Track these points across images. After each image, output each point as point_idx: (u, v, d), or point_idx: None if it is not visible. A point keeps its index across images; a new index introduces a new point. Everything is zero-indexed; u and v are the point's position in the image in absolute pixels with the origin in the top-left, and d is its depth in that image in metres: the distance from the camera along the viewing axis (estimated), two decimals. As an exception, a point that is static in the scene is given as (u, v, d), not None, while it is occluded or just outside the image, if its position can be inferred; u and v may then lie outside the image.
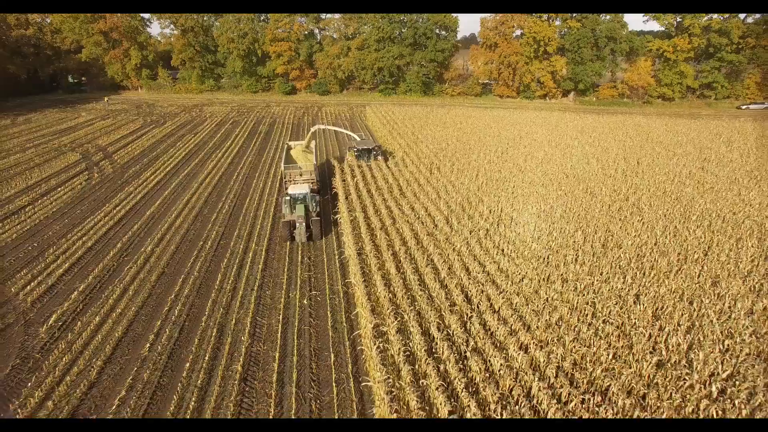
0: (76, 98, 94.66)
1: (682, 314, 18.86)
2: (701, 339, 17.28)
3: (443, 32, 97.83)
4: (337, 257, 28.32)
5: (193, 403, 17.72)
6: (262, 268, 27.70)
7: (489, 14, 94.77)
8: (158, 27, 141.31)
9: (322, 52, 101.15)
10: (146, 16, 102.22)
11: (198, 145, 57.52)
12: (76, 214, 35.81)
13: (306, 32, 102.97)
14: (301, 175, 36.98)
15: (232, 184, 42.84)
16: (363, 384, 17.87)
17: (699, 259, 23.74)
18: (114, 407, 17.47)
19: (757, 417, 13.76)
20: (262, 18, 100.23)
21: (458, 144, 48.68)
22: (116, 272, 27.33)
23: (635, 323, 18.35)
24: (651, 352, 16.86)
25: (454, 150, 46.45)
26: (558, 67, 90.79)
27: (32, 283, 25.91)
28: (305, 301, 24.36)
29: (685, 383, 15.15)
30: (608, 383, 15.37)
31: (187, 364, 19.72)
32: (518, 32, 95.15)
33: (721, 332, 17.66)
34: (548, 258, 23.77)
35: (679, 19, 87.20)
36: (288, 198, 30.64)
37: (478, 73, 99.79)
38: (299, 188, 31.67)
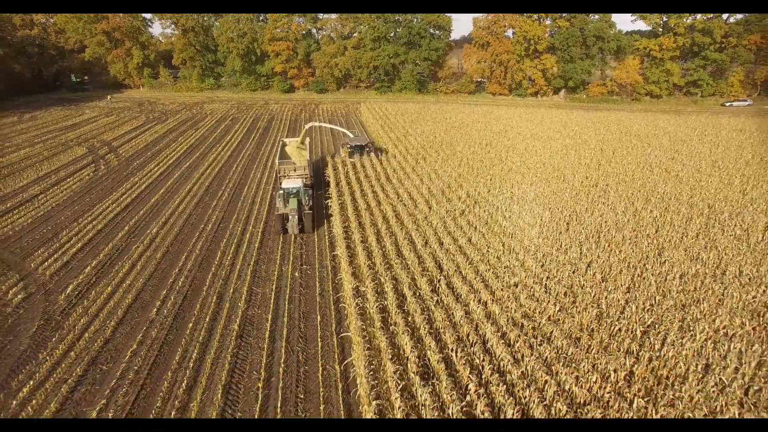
0: (80, 97, 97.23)
1: (626, 277, 21.47)
2: (637, 296, 19.90)
3: (437, 32, 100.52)
4: (327, 237, 30.95)
5: (195, 354, 20.29)
6: (258, 247, 30.31)
7: (481, 14, 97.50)
8: (159, 27, 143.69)
9: (319, 52, 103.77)
10: (148, 16, 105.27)
11: (199, 140, 60.12)
12: (85, 202, 38.37)
13: (304, 32, 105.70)
14: (295, 170, 37.78)
15: (231, 175, 45.44)
16: (343, 336, 20.50)
17: (650, 234, 26.37)
18: (126, 358, 20.04)
19: (669, 353, 16.36)
20: (261, 18, 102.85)
21: (445, 137, 51.35)
22: (125, 251, 29.90)
23: (583, 284, 20.97)
24: (593, 307, 19.48)
25: (441, 142, 49.10)
26: (548, 65, 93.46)
27: (49, 260, 28.46)
28: (296, 274, 26.97)
29: (615, 328, 17.77)
30: (551, 329, 17.99)
31: (190, 325, 22.30)
32: (510, 32, 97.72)
33: (656, 290, 20.27)
34: (515, 233, 26.40)
35: (665, 19, 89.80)
36: (282, 192, 31.71)
37: (471, 72, 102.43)
38: (293, 182, 32.69)
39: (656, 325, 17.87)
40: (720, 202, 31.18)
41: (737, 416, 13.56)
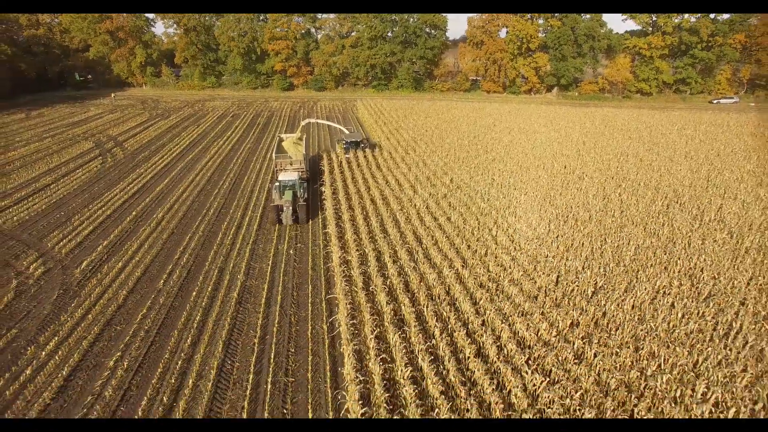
0: (84, 95, 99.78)
1: (587, 249, 23.93)
2: (593, 264, 22.36)
3: (433, 31, 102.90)
4: (320, 221, 33.42)
5: (198, 317, 22.74)
6: (256, 229, 32.79)
7: (476, 14, 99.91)
8: (162, 27, 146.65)
9: (318, 50, 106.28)
10: (150, 16, 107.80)
11: (201, 135, 62.62)
12: (94, 191, 40.84)
13: (303, 31, 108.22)
14: (291, 164, 38.56)
15: (232, 166, 47.93)
16: (331, 300, 22.99)
17: (615, 214, 28.82)
18: (138, 320, 22.50)
19: (612, 307, 18.83)
20: (261, 18, 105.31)
21: (436, 131, 53.85)
22: (133, 232, 32.37)
23: (547, 255, 23.43)
24: (552, 273, 21.95)
25: (431, 135, 51.59)
26: (541, 63, 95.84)
27: (63, 241, 30.92)
28: (291, 252, 29.43)
29: (569, 289, 20.23)
30: (513, 290, 20.46)
31: (194, 293, 24.76)
32: (503, 31, 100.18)
33: (611, 259, 22.73)
34: (490, 212, 28.87)
35: (654, 18, 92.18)
36: (278, 184, 32.73)
37: (466, 70, 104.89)
38: (288, 175, 33.83)
39: (605, 287, 20.31)
40: (684, 188, 33.62)
41: (656, 353, 16.02)
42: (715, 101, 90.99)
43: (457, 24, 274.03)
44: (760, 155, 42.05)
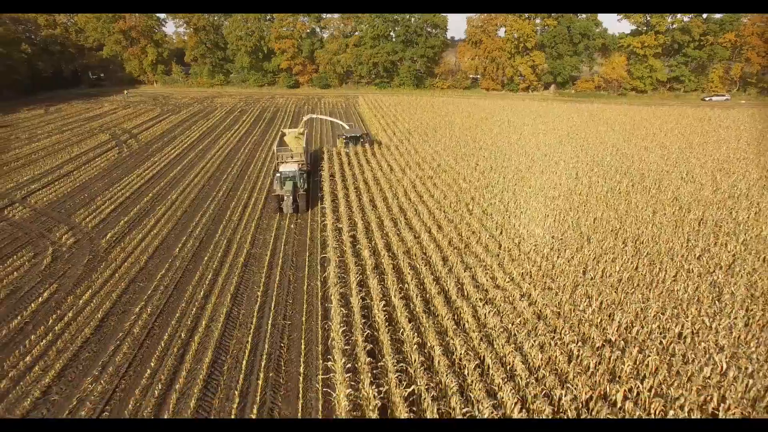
0: (97, 92, 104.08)
1: (549, 218, 27.32)
2: (553, 230, 25.74)
3: (433, 30, 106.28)
4: (319, 202, 36.96)
5: (210, 276, 26.28)
6: (261, 207, 36.37)
7: (475, 14, 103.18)
8: (173, 26, 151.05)
9: (322, 49, 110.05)
10: (162, 16, 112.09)
11: (210, 128, 66.41)
12: (113, 176, 44.60)
13: (308, 30, 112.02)
14: (292, 156, 39.05)
15: (239, 156, 51.60)
16: (323, 257, 26.54)
17: (582, 192, 32.14)
18: (158, 278, 26.05)
19: (558, 261, 22.19)
20: (267, 17, 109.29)
21: (430, 123, 57.34)
22: (150, 210, 36.03)
23: (513, 223, 26.84)
24: (515, 237, 25.32)
25: (425, 127, 55.06)
26: (538, 62, 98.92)
27: (89, 217, 34.61)
28: (292, 226, 32.97)
29: (527, 248, 23.64)
30: (478, 248, 23.88)
31: (206, 258, 28.34)
32: (502, 30, 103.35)
33: (570, 226, 26.11)
34: (469, 190, 32.32)
35: (647, 18, 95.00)
36: (279, 175, 34.01)
37: (465, 68, 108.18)
38: (289, 166, 34.84)
39: (560, 248, 23.69)
40: (651, 172, 36.86)
41: (589, 293, 19.39)
42: (707, 98, 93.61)
43: (461, 23, 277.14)
44: (729, 145, 45.16)
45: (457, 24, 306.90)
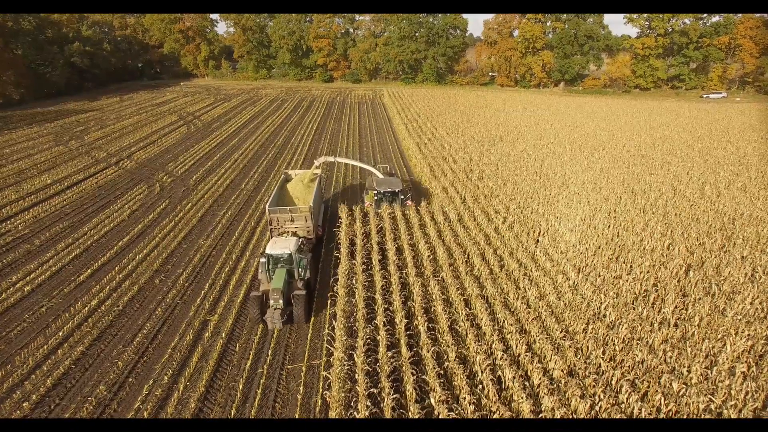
0: (158, 83, 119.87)
1: (540, 195, 38.65)
2: (538, 198, 37.28)
3: (454, 31, 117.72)
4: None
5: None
6: (301, 163, 49.07)
7: (491, 15, 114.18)
8: (224, 26, 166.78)
9: (355, 47, 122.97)
10: (214, 17, 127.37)
11: (257, 113, 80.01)
12: (187, 144, 58.19)
13: (342, 31, 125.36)
14: (292, 219, 27.64)
15: (283, 131, 64.71)
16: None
17: (571, 166, 43.37)
18: (231, 200, 38.94)
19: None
20: (307, 18, 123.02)
21: (439, 110, 69.24)
22: (219, 166, 49.02)
23: (512, 196, 38.20)
24: (503, 210, 37.04)
25: (436, 113, 66.98)
26: (546, 61, 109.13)
27: (176, 168, 47.91)
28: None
29: (525, 218, 35.43)
30: (473, 225, 35.67)
31: (263, 191, 41.13)
32: (515, 31, 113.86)
33: (554, 198, 37.49)
34: (470, 167, 43.77)
35: (648, 21, 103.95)
36: (263, 260, 22.42)
37: (482, 66, 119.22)
38: (282, 244, 23.31)
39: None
40: (636, 148, 47.80)
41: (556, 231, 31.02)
42: (704, 96, 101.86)
43: (477, 25, 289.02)
44: (711, 129, 55.42)
45: (479, 24, 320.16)
